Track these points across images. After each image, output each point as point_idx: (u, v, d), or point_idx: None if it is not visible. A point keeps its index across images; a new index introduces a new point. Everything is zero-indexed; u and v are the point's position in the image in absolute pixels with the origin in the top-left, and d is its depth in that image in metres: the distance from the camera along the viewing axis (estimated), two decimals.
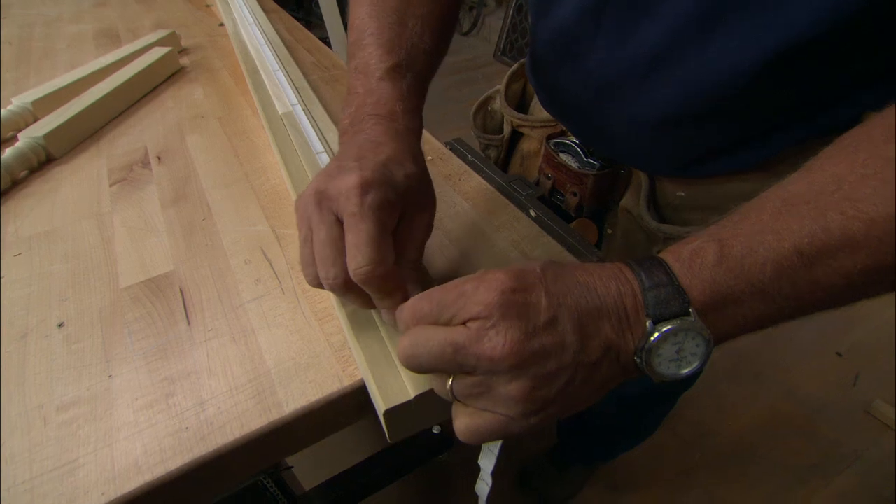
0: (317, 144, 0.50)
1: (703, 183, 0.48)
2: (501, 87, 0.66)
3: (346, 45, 0.42)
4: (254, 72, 0.66)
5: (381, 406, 0.28)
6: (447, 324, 0.26)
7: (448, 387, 0.26)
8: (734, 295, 0.25)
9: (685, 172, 0.47)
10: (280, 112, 0.56)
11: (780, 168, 0.45)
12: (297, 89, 0.60)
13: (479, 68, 2.93)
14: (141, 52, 0.77)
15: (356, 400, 0.35)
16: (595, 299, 0.25)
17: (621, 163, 0.53)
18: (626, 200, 0.55)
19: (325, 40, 2.71)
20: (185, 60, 0.81)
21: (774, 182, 0.46)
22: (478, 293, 0.25)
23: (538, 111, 0.61)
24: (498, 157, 0.69)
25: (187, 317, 0.39)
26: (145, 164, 0.57)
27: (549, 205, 0.53)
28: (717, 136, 0.42)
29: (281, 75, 0.63)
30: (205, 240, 0.46)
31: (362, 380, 0.34)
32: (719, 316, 0.25)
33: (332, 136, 0.54)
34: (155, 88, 0.73)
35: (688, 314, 0.25)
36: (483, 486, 0.34)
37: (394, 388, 0.29)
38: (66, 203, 0.51)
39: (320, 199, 0.30)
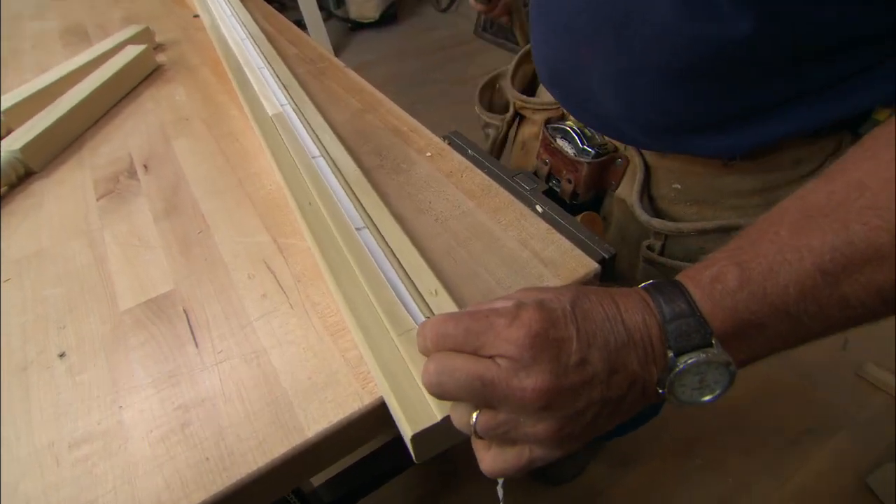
0: (312, 148, 0.48)
1: (698, 174, 0.47)
2: (511, 67, 0.64)
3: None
4: (237, 69, 0.63)
5: (407, 431, 0.28)
6: (473, 352, 0.25)
7: (471, 423, 0.26)
8: (757, 320, 0.24)
9: (673, 148, 0.46)
10: (270, 113, 0.53)
11: (778, 162, 0.44)
12: (285, 87, 0.58)
13: (459, 45, 2.87)
14: (114, 50, 0.73)
15: (376, 416, 0.34)
16: (623, 334, 0.25)
17: (609, 135, 0.52)
18: (622, 190, 0.54)
19: (300, 23, 2.62)
20: (161, 58, 0.77)
21: (771, 179, 0.45)
22: (509, 331, 0.24)
23: (543, 94, 0.60)
24: (496, 138, 0.67)
25: (194, 339, 0.38)
26: (131, 173, 0.54)
27: (553, 197, 0.52)
28: (701, 103, 0.40)
29: (267, 73, 0.60)
30: (203, 254, 0.44)
31: (382, 397, 0.33)
32: (742, 342, 0.25)
33: (328, 137, 0.52)
34: (132, 90, 0.70)
35: (710, 345, 0.24)
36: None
37: (418, 409, 0.29)
38: (53, 220, 0.49)
39: None
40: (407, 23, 3.10)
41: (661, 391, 0.25)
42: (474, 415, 0.26)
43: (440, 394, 0.26)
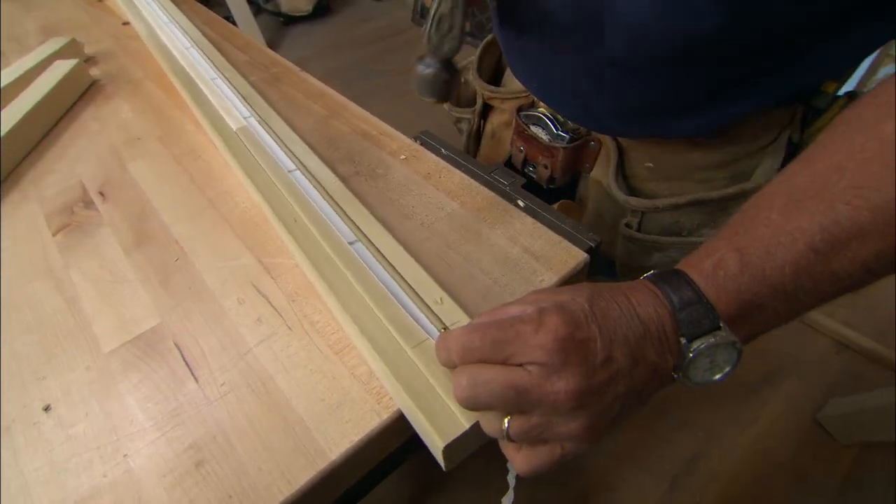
0: (286, 161, 0.47)
1: (668, 153, 0.50)
2: (475, 59, 0.64)
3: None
4: (188, 82, 0.59)
5: (438, 444, 0.28)
6: (502, 362, 0.26)
7: (503, 428, 0.26)
8: (759, 301, 0.26)
9: (645, 132, 0.48)
10: (234, 128, 0.51)
11: (739, 136, 0.47)
12: (244, 99, 0.55)
13: (397, 34, 2.83)
14: (39, 67, 0.68)
15: (395, 429, 0.34)
16: (639, 327, 0.26)
17: (584, 125, 0.54)
18: (597, 171, 0.56)
19: (229, 20, 2.50)
20: (95, 72, 0.72)
21: (734, 151, 0.48)
22: (537, 337, 0.25)
23: (510, 83, 0.61)
24: (470, 130, 0.67)
25: (193, 374, 0.36)
26: (87, 203, 0.51)
27: (530, 183, 0.53)
28: (673, 89, 0.43)
29: (222, 84, 0.58)
30: (185, 282, 0.42)
31: (399, 409, 0.33)
32: (746, 322, 0.27)
33: (299, 149, 0.50)
34: (68, 111, 0.65)
35: (719, 328, 0.26)
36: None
37: (446, 420, 0.29)
38: (7, 263, 0.45)
39: None
40: (341, 14, 3.01)
41: (675, 376, 0.27)
42: (506, 420, 0.26)
43: (474, 406, 0.26)
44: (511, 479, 0.42)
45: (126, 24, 0.85)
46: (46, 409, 0.35)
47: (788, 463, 1.05)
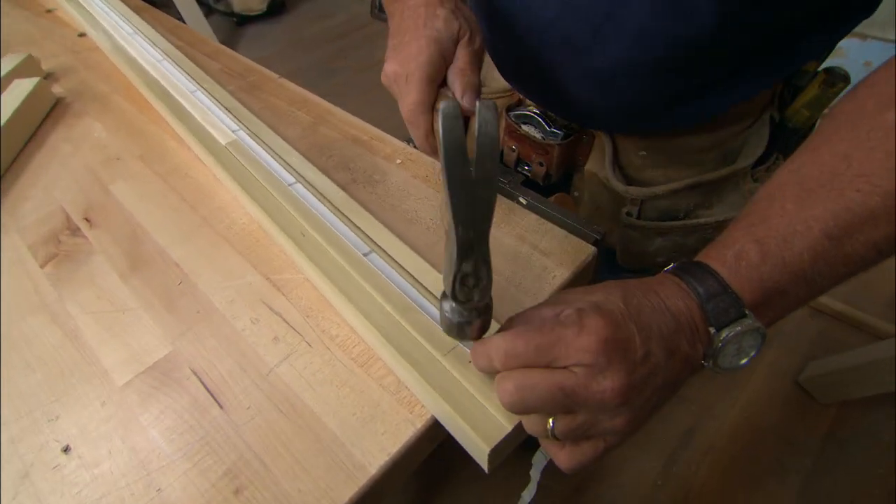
0: (284, 175, 0.46)
1: (659, 141, 0.52)
2: None
3: None
4: (164, 95, 0.58)
5: (483, 448, 0.29)
6: (546, 366, 0.27)
7: (548, 428, 0.27)
8: (780, 287, 0.28)
9: (641, 127, 0.50)
10: (223, 143, 0.50)
11: (725, 119, 0.49)
12: (228, 111, 0.54)
13: (357, 30, 2.79)
14: None
15: (429, 436, 0.35)
16: (672, 321, 0.28)
17: (580, 124, 0.55)
18: (591, 164, 0.58)
19: (180, 19, 2.41)
20: (57, 89, 0.69)
21: (722, 134, 0.50)
22: (580, 340, 0.26)
23: (492, 81, 0.61)
24: None
25: (216, 399, 0.36)
26: (73, 230, 0.49)
27: (530, 186, 0.54)
28: (669, 88, 0.45)
29: (203, 97, 0.56)
30: (192, 306, 0.42)
31: (433, 416, 0.34)
32: (769, 308, 0.29)
33: (295, 159, 0.50)
34: (34, 134, 0.62)
35: (745, 316, 0.28)
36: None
37: (487, 424, 0.30)
38: None
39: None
40: (297, 12, 2.95)
41: (705, 363, 0.29)
42: (550, 420, 0.27)
43: (522, 410, 0.27)
44: (535, 474, 0.43)
45: (82, 35, 0.81)
46: (66, 450, 0.34)
47: (774, 427, 1.11)
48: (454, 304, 0.29)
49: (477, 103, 0.25)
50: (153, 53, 0.64)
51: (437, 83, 0.38)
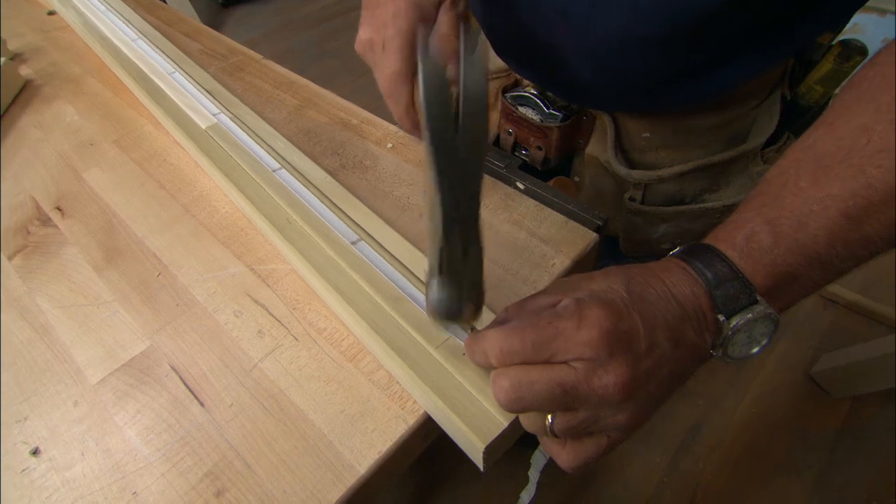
0: (268, 160, 0.45)
1: (664, 121, 0.51)
2: None
3: None
4: (141, 77, 0.57)
5: (478, 445, 0.28)
6: (545, 362, 0.26)
7: (547, 425, 0.27)
8: (794, 271, 0.27)
9: (643, 106, 0.49)
10: (203, 126, 0.49)
11: (733, 98, 0.48)
12: (210, 93, 0.53)
13: (348, 12, 2.76)
14: None
15: (422, 432, 0.34)
16: (677, 309, 0.27)
17: (580, 104, 0.54)
18: (592, 147, 0.57)
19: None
20: (25, 71, 0.67)
21: (729, 113, 0.49)
22: (580, 333, 0.25)
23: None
24: None
25: (196, 397, 0.35)
26: (44, 220, 0.48)
27: (528, 170, 0.53)
28: (671, 63, 0.44)
29: (181, 78, 0.55)
30: (172, 299, 0.41)
31: (425, 412, 0.33)
32: (782, 293, 0.27)
33: (280, 144, 0.49)
34: (1, 118, 0.60)
35: (756, 302, 0.26)
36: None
37: (483, 421, 0.29)
38: None
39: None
40: None
41: (713, 353, 0.28)
42: (549, 417, 0.27)
43: (519, 408, 0.26)
44: (534, 474, 0.43)
45: (52, 13, 0.80)
46: (35, 452, 0.33)
47: (786, 422, 1.11)
48: (443, 279, 0.27)
49: (462, 59, 0.24)
50: (128, 32, 0.63)
51: None
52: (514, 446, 0.33)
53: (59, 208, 0.49)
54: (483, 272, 0.29)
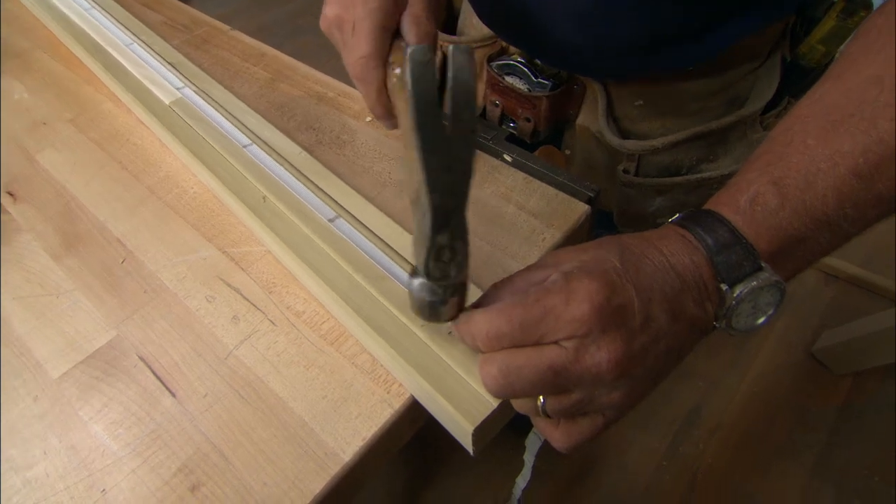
0: (238, 136, 0.44)
1: (658, 87, 0.50)
2: None
3: None
4: (97, 50, 0.55)
5: (467, 428, 0.28)
6: (534, 344, 0.25)
7: (539, 405, 0.26)
8: (800, 235, 0.26)
9: (634, 70, 0.49)
10: (166, 102, 0.48)
11: (732, 59, 0.48)
12: (173, 66, 0.51)
13: None
14: None
15: (410, 417, 0.34)
16: (675, 280, 0.26)
17: (568, 70, 0.53)
18: (583, 118, 0.56)
19: None
20: None
21: (728, 77, 0.49)
22: (569, 309, 0.24)
23: (471, 29, 0.59)
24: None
25: (167, 388, 0.35)
26: None
27: (516, 142, 0.52)
28: (661, 21, 0.43)
29: (140, 50, 0.53)
30: (138, 286, 0.40)
31: (412, 395, 0.33)
32: (788, 259, 0.27)
33: (251, 119, 0.47)
34: None
35: (761, 269, 0.26)
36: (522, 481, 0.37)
37: (471, 402, 0.29)
38: None
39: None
40: None
41: (716, 325, 0.28)
42: (540, 398, 0.26)
43: (509, 394, 0.26)
44: (529, 458, 0.43)
45: None
46: None
47: (786, 401, 1.13)
48: (426, 282, 0.27)
49: (450, 48, 0.23)
50: (80, 2, 0.61)
51: (391, 31, 0.34)
52: (510, 434, 0.33)
53: (10, 193, 0.47)
54: (469, 268, 0.28)
